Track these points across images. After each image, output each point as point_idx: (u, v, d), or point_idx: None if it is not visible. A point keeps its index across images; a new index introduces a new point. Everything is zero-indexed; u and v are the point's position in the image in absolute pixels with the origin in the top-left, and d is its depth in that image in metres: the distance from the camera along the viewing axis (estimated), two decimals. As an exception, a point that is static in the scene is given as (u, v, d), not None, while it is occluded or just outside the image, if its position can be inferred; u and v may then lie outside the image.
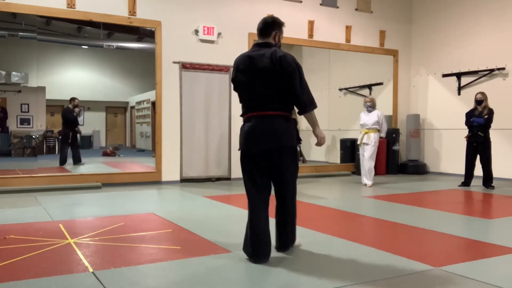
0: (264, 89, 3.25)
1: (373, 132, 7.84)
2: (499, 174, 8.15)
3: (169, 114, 8.03)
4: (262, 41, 3.45)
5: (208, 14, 8.32)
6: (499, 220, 4.96)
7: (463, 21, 9.48)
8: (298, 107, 3.29)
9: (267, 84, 3.24)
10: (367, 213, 5.36)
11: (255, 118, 3.28)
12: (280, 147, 3.24)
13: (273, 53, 3.26)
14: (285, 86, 3.22)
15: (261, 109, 3.27)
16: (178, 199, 6.59)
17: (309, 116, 3.32)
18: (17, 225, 4.51)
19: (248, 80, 3.32)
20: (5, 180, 7.04)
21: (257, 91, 3.28)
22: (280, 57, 3.22)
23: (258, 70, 3.26)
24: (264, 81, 3.24)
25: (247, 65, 3.34)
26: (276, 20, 3.49)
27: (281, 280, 2.90)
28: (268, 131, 3.23)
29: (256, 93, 3.29)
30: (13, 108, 13.87)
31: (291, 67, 3.20)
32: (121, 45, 12.91)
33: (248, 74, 3.32)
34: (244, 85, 3.37)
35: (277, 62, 3.20)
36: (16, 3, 6.93)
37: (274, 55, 3.24)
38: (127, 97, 17.81)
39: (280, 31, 3.48)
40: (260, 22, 3.49)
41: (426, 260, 3.29)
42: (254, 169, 3.29)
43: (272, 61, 3.22)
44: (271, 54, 3.25)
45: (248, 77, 3.32)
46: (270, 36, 3.44)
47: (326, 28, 9.49)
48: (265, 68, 3.23)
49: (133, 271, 3.07)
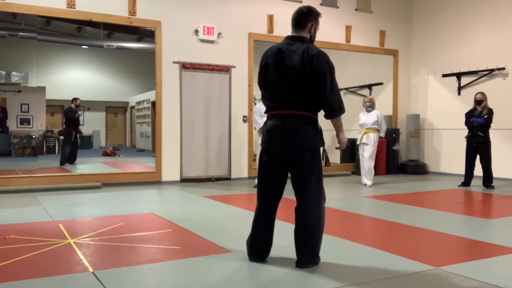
0: (289, 87, 3.05)
1: (373, 132, 7.84)
2: (499, 174, 8.15)
3: (169, 114, 8.03)
4: (296, 34, 3.18)
5: (208, 14, 8.32)
6: (499, 220, 4.96)
7: (463, 21, 9.48)
8: (325, 110, 3.09)
9: (293, 82, 3.04)
10: (367, 213, 5.36)
11: (277, 117, 3.12)
12: (300, 149, 3.07)
13: (305, 50, 3.03)
14: (314, 86, 3.02)
15: (283, 107, 3.09)
16: (178, 199, 6.59)
17: (335, 121, 3.15)
18: (17, 225, 4.51)
19: (274, 75, 3.11)
20: (5, 180, 7.04)
21: (281, 88, 3.09)
22: (312, 55, 3.00)
23: (286, 67, 3.05)
24: (291, 79, 3.04)
25: (276, 60, 3.11)
26: (312, 10, 3.21)
27: (281, 280, 2.90)
28: (289, 131, 3.07)
29: (280, 90, 3.09)
30: (13, 108, 13.86)
31: (323, 68, 3.00)
32: (121, 45, 12.90)
33: (275, 70, 3.11)
34: (269, 81, 3.16)
35: (308, 61, 2.99)
36: (16, 3, 6.93)
37: (306, 52, 3.01)
38: (127, 97, 17.80)
39: (317, 22, 3.22)
40: (295, 12, 3.21)
41: (426, 260, 3.29)
42: (269, 169, 3.17)
43: (303, 59, 3.00)
44: (303, 51, 3.02)
45: (274, 73, 3.11)
46: (305, 28, 3.18)
47: (326, 28, 9.48)
48: (294, 65, 3.02)
49: (133, 271, 3.07)
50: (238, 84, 8.57)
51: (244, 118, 8.66)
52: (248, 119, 8.64)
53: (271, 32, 8.84)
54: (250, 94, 8.76)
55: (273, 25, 8.86)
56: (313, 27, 3.21)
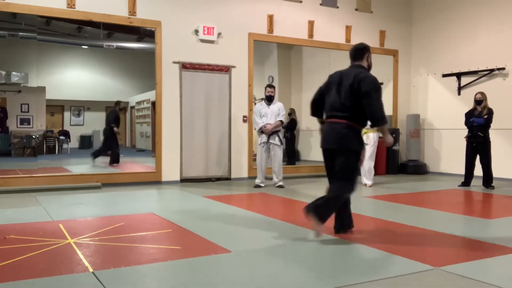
0: (340, 101, 3.94)
1: (372, 132, 7.84)
2: (499, 174, 8.14)
3: (169, 114, 8.03)
4: (357, 63, 4.09)
5: (208, 14, 8.32)
6: (499, 220, 4.96)
7: (463, 21, 9.48)
8: (371, 121, 3.95)
9: (344, 97, 3.91)
10: (367, 213, 5.36)
11: (328, 124, 4.06)
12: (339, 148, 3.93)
13: (357, 73, 3.92)
14: (362, 102, 3.84)
15: (333, 116, 3.99)
16: (178, 199, 6.59)
17: (380, 128, 4.06)
18: (17, 225, 4.51)
19: (334, 92, 4.01)
20: (5, 180, 7.04)
21: (335, 101, 3.98)
22: (361, 77, 3.87)
23: (342, 85, 3.95)
24: (343, 94, 3.92)
25: (337, 80, 4.02)
26: (366, 45, 4.16)
27: (281, 280, 2.90)
28: (333, 135, 3.97)
29: (333, 103, 3.99)
30: (13, 108, 13.86)
31: (369, 87, 3.82)
32: (121, 45, 12.90)
33: (335, 87, 4.01)
34: (330, 96, 4.06)
35: (357, 81, 3.85)
36: (16, 3, 6.93)
37: (357, 75, 3.90)
38: (127, 97, 17.79)
39: (370, 53, 4.15)
40: (352, 48, 4.14)
41: (426, 260, 3.29)
42: (326, 160, 4.11)
43: (354, 79, 3.87)
44: (355, 74, 3.91)
45: (334, 89, 4.01)
46: (363, 58, 4.10)
47: (326, 28, 9.49)
48: (347, 85, 3.90)
49: (133, 271, 3.07)
50: (238, 84, 8.57)
51: (244, 118, 8.66)
52: (248, 119, 8.64)
53: (271, 32, 8.84)
54: (250, 94, 8.76)
55: (273, 25, 8.86)
56: (369, 57, 4.13)
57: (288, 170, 9.08)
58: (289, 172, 8.94)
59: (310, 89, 12.56)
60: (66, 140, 15.82)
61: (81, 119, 17.75)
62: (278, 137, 7.51)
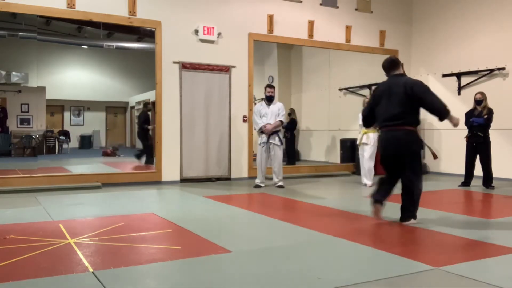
0: (394, 109, 4.34)
1: (373, 132, 7.84)
2: (499, 174, 8.14)
3: (169, 114, 8.03)
4: (396, 72, 4.58)
5: (208, 14, 8.32)
6: (499, 220, 4.96)
7: (463, 21, 9.48)
8: (437, 116, 4.42)
9: (398, 105, 4.32)
10: (367, 213, 5.36)
11: (386, 132, 4.50)
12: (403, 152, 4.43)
13: (405, 81, 4.41)
14: (417, 105, 4.34)
15: (389, 125, 4.41)
16: (178, 199, 6.59)
17: (447, 118, 4.46)
18: (17, 225, 4.51)
19: (385, 102, 4.42)
20: (5, 180, 7.04)
21: (388, 111, 4.39)
22: (412, 83, 4.41)
23: (394, 94, 4.36)
24: (397, 102, 4.33)
25: (386, 91, 4.43)
26: (397, 58, 4.76)
27: (281, 280, 2.90)
28: (395, 142, 4.42)
29: (387, 112, 4.40)
30: (13, 108, 13.87)
31: (424, 89, 4.36)
32: (121, 45, 12.90)
33: (385, 98, 4.41)
34: (380, 106, 4.47)
35: (409, 87, 4.30)
36: (16, 3, 6.93)
37: (406, 82, 4.39)
38: (127, 97, 17.80)
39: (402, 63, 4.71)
40: (387, 61, 4.64)
41: (426, 260, 3.29)
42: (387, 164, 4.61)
43: (405, 88, 4.30)
44: (404, 82, 4.38)
45: (385, 100, 4.42)
46: (399, 68, 4.60)
47: (326, 28, 9.49)
48: (399, 93, 4.33)
49: (133, 271, 3.07)
50: (238, 84, 8.57)
51: (244, 118, 8.66)
52: (248, 119, 8.64)
53: (271, 32, 8.85)
54: (250, 94, 8.76)
55: (273, 25, 8.86)
56: (403, 65, 4.69)
57: (288, 170, 9.08)
58: (289, 172, 8.94)
59: (310, 89, 12.58)
60: (66, 140, 15.82)
61: (81, 119, 17.75)
62: (278, 137, 7.51)
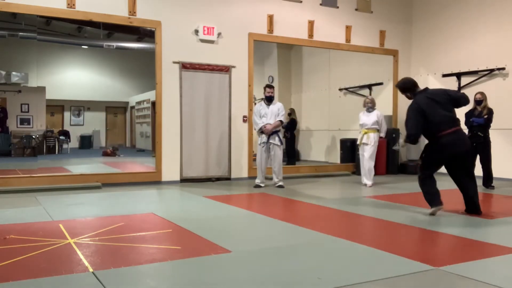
0: (448, 114, 5.04)
1: (373, 132, 7.85)
2: (499, 174, 8.14)
3: (169, 114, 8.03)
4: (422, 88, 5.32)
5: (208, 14, 8.32)
6: (499, 220, 4.96)
7: (463, 21, 9.48)
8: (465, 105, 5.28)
9: (449, 110, 5.06)
10: (367, 213, 5.36)
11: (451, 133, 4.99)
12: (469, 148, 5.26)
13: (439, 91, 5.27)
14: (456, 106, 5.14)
15: (451, 127, 4.99)
16: (178, 199, 6.59)
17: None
18: (17, 225, 4.51)
19: (436, 110, 5.01)
20: (5, 180, 7.04)
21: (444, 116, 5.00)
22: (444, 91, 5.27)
23: (440, 103, 5.04)
24: (447, 108, 5.05)
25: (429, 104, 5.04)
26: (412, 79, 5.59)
27: (281, 280, 2.90)
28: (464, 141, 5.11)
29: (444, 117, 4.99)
30: (13, 108, 13.87)
31: (458, 94, 5.32)
32: (121, 45, 12.91)
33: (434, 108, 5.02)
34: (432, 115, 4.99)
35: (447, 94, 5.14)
36: (16, 3, 6.93)
37: (441, 91, 5.23)
38: (127, 97, 17.81)
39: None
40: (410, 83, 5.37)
41: (426, 260, 3.29)
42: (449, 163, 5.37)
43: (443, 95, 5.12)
44: (439, 92, 5.23)
45: (433, 109, 5.01)
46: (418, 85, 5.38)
47: (326, 28, 9.49)
48: (444, 100, 5.08)
49: (133, 271, 3.07)
50: (238, 84, 8.57)
51: (244, 118, 8.66)
52: (248, 119, 8.64)
53: (271, 32, 8.84)
54: (250, 94, 8.76)
55: (273, 25, 8.86)
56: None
57: (288, 170, 9.08)
58: (289, 172, 8.94)
59: (310, 89, 12.58)
60: (66, 140, 15.83)
61: (81, 119, 17.76)
62: (278, 137, 7.51)
